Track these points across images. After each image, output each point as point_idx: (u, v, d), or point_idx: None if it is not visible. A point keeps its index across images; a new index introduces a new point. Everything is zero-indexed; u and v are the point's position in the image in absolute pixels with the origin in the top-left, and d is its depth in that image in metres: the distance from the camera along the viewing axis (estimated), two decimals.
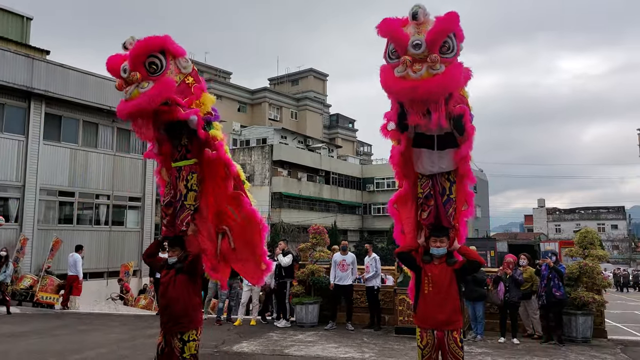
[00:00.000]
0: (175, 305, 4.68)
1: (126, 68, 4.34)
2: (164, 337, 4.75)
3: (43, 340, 9.21)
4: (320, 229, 12.07)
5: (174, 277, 4.75)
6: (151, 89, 4.34)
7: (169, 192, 4.97)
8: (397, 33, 3.90)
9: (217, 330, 10.34)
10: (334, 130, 70.25)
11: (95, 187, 19.96)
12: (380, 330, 10.37)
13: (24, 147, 17.75)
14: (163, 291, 4.76)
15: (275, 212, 42.34)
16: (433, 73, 3.83)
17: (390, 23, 3.94)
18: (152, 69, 4.38)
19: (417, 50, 3.84)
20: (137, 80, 4.35)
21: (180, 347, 4.68)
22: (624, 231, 76.36)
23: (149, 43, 4.39)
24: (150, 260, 5.07)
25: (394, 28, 3.92)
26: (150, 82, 4.36)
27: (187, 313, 4.72)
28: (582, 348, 8.72)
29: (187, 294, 4.75)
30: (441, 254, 4.52)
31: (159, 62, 4.41)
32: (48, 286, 14.94)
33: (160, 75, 4.42)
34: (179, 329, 4.67)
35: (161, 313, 4.83)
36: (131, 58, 4.34)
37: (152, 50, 4.40)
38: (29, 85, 17.56)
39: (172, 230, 4.99)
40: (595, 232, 9.96)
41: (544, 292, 9.20)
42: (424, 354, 4.44)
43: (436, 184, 4.56)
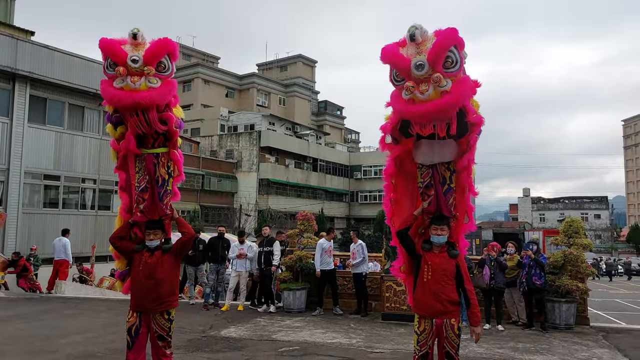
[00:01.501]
0: (165, 285, 4.85)
1: (137, 59, 4.47)
2: (139, 318, 4.82)
3: (29, 325, 9.15)
4: (308, 215, 12.10)
5: (161, 258, 4.88)
6: (162, 87, 4.59)
7: (143, 177, 5.06)
8: (398, 59, 3.96)
9: (204, 315, 10.36)
10: (322, 117, 70.13)
11: (81, 171, 19.79)
12: (367, 316, 10.46)
13: (8, 129, 17.50)
14: (150, 272, 4.80)
15: (262, 198, 42.32)
16: (440, 90, 3.86)
17: (389, 50, 3.99)
18: (160, 67, 4.61)
19: (420, 72, 3.88)
20: (150, 75, 4.53)
21: (168, 326, 4.86)
22: (606, 221, 77.63)
23: (168, 44, 4.63)
24: (119, 244, 5.04)
25: (393, 54, 3.97)
26: (159, 79, 4.59)
27: (174, 291, 4.97)
28: (565, 335, 8.89)
29: (174, 273, 5.04)
30: (441, 242, 4.50)
31: (167, 63, 4.66)
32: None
33: (168, 75, 4.68)
34: (166, 307, 4.84)
35: (144, 293, 4.80)
36: (150, 53, 4.51)
37: (168, 51, 4.65)
38: (13, 67, 17.26)
39: (150, 215, 5.09)
40: (580, 222, 10.11)
41: (524, 280, 9.41)
42: (420, 340, 4.43)
43: (436, 173, 4.54)
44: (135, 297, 4.89)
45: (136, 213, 5.10)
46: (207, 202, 39.57)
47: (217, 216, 39.06)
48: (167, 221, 5.12)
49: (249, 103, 59.90)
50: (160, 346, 4.86)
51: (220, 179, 41.36)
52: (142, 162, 5.05)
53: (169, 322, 4.89)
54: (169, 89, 4.65)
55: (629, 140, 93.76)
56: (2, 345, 7.36)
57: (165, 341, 4.89)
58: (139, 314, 4.85)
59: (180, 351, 7.10)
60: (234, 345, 7.65)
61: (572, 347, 7.86)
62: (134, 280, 4.94)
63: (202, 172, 39.15)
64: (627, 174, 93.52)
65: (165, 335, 4.87)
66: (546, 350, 7.61)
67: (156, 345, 4.88)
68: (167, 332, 4.89)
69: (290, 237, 12.19)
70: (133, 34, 4.54)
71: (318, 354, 7.16)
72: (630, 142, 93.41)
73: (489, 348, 7.61)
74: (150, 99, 4.51)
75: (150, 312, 4.83)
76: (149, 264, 4.85)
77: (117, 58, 4.49)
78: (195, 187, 37.97)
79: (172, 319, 4.94)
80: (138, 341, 4.83)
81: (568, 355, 7.32)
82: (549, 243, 10.80)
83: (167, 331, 4.89)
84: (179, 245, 5.01)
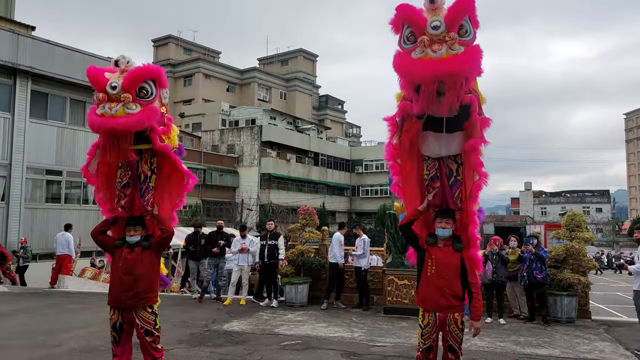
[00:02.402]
0: (143, 281, 4.81)
1: (116, 86, 4.48)
2: (120, 314, 4.82)
3: (32, 319, 9.20)
4: (310, 210, 12.10)
5: (141, 255, 4.87)
6: (140, 113, 4.54)
7: (125, 173, 5.11)
8: (416, 16, 3.90)
9: (207, 309, 10.39)
10: (323, 111, 70.05)
11: None
12: (369, 310, 10.49)
13: (10, 124, 17.50)
14: (129, 268, 4.79)
15: (264, 193, 42.36)
16: (452, 53, 3.82)
17: (407, 7, 3.94)
18: (142, 93, 4.59)
19: (436, 31, 3.82)
20: (127, 101, 4.51)
21: (153, 319, 4.84)
22: (608, 214, 77.58)
23: (147, 71, 4.63)
24: (100, 238, 5.07)
25: (411, 10, 3.93)
26: (138, 105, 4.56)
27: (153, 288, 4.92)
28: (567, 328, 8.91)
29: (153, 270, 4.97)
30: (446, 235, 4.46)
31: (150, 88, 4.63)
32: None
33: (149, 101, 4.64)
34: (145, 302, 4.80)
35: (122, 289, 4.77)
36: (128, 80, 4.51)
37: (148, 77, 4.63)
38: (14, 62, 17.24)
39: (131, 211, 5.14)
40: (582, 215, 10.10)
41: (525, 274, 9.42)
42: (424, 333, 4.43)
43: (443, 166, 4.50)
44: (112, 292, 4.86)
45: (117, 208, 5.13)
46: (209, 196, 39.62)
47: (219, 211, 39.14)
48: (148, 217, 5.12)
49: (250, 97, 59.84)
50: (149, 342, 4.80)
51: (222, 174, 41.40)
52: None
53: (153, 315, 4.84)
54: (149, 114, 4.58)
55: (631, 134, 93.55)
56: (6, 340, 7.40)
57: (154, 336, 4.83)
58: (120, 311, 4.83)
59: (182, 345, 7.13)
60: (237, 339, 7.68)
61: (574, 341, 7.87)
62: (113, 275, 4.94)
63: (203, 167, 39.18)
64: (629, 168, 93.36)
65: (152, 329, 4.81)
66: (548, 344, 7.63)
67: (144, 342, 4.82)
68: (154, 325, 4.83)
69: (292, 232, 12.20)
70: (115, 61, 4.59)
71: (320, 347, 7.18)
72: (632, 136, 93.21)
73: (491, 342, 7.63)
74: (125, 125, 4.47)
75: (128, 308, 4.79)
76: (128, 260, 4.83)
77: (97, 85, 4.57)
78: (197, 182, 38.01)
79: (156, 312, 4.89)
80: (123, 336, 4.86)
81: (570, 349, 7.34)
82: (550, 237, 10.79)
83: (153, 324, 4.83)
84: (159, 242, 4.99)
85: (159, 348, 4.89)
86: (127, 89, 4.48)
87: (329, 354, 6.81)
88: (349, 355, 6.74)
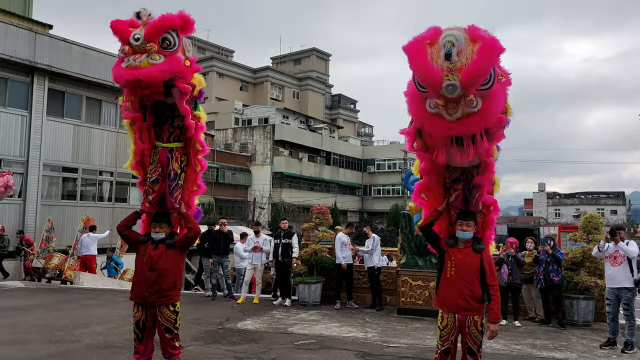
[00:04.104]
0: (167, 278, 4.86)
1: (139, 37, 4.46)
2: (144, 312, 4.89)
3: (50, 315, 9.30)
4: (323, 209, 12.12)
5: (165, 252, 4.91)
6: (164, 63, 4.52)
7: (155, 169, 5.15)
8: (427, 71, 3.55)
9: (220, 307, 10.44)
10: (335, 110, 69.99)
11: (99, 164, 19.98)
12: (382, 310, 10.47)
13: (27, 122, 17.72)
14: (153, 265, 4.84)
15: (276, 191, 42.42)
16: (469, 112, 3.63)
17: (417, 55, 3.57)
18: (165, 44, 4.53)
19: (451, 94, 3.55)
20: (152, 51, 4.48)
21: (174, 318, 4.91)
22: (622, 216, 76.60)
23: (169, 20, 4.53)
24: (126, 232, 5.10)
25: (423, 64, 3.56)
26: (162, 56, 4.52)
27: (176, 285, 4.97)
28: (584, 331, 8.83)
29: (177, 267, 5.03)
30: (467, 238, 4.46)
31: (172, 39, 4.57)
32: (77, 264, 14.97)
33: (173, 51, 4.60)
34: (168, 300, 4.86)
35: (146, 285, 4.84)
36: (150, 30, 4.46)
37: (171, 27, 4.56)
38: (32, 60, 17.44)
39: (159, 207, 5.16)
40: (600, 217, 10.00)
41: (542, 276, 9.35)
42: (443, 335, 4.42)
43: (465, 172, 4.52)
44: (135, 287, 4.94)
45: (144, 203, 5.17)
46: (222, 195, 39.77)
47: (232, 209, 39.28)
48: (175, 215, 5.15)
49: (263, 96, 59.96)
50: (168, 339, 4.89)
51: (235, 172, 41.54)
52: (157, 154, 5.15)
53: (174, 314, 4.91)
54: (172, 64, 4.58)
55: None
56: (25, 334, 7.50)
57: (173, 333, 4.91)
58: (144, 308, 4.89)
59: (198, 343, 7.18)
60: (251, 337, 7.71)
61: (590, 345, 7.80)
62: (137, 271, 4.98)
63: (216, 165, 39.33)
64: None
65: (171, 327, 4.90)
66: (564, 347, 7.57)
67: (164, 339, 4.91)
68: (173, 324, 4.91)
69: (305, 231, 12.22)
70: (136, 13, 4.57)
71: (334, 347, 7.18)
72: None
73: (507, 344, 7.58)
74: (149, 74, 4.47)
75: (151, 304, 4.85)
76: (152, 256, 4.89)
77: (121, 37, 4.54)
78: (209, 180, 38.15)
79: (177, 310, 4.96)
80: (146, 334, 4.92)
81: (587, 352, 7.27)
82: (567, 239, 10.69)
83: (173, 323, 4.91)
84: (184, 240, 5.03)
85: (177, 346, 4.95)
86: (150, 39, 4.46)
87: (344, 354, 6.81)
88: (363, 356, 6.73)
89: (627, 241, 7.46)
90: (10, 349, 6.54)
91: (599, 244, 7.84)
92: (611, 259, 7.56)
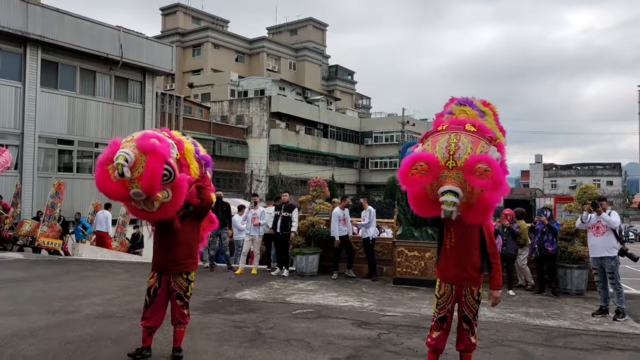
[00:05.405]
0: (183, 248, 5.05)
1: (140, 193, 4.49)
2: (158, 279, 5.04)
3: (48, 286, 9.38)
4: (320, 181, 12.13)
5: (181, 222, 5.06)
6: (174, 198, 4.67)
7: None
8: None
9: (219, 278, 10.54)
10: (332, 82, 69.49)
11: (95, 136, 19.90)
12: (379, 280, 10.59)
13: (21, 93, 17.57)
14: (170, 235, 5.00)
15: (273, 164, 42.42)
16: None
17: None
18: (163, 179, 4.52)
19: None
20: (159, 198, 4.59)
21: (186, 285, 5.07)
22: (618, 187, 77.04)
23: (158, 165, 4.46)
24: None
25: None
26: (168, 189, 4.61)
27: (192, 254, 5.14)
28: (577, 300, 8.97)
29: (193, 237, 5.19)
30: None
31: (167, 172, 4.54)
32: (50, 232, 14.98)
33: (173, 180, 4.60)
34: (183, 268, 5.04)
35: (162, 254, 5.02)
36: (149, 190, 4.46)
37: (162, 168, 4.51)
38: (24, 31, 17.19)
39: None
40: (595, 188, 10.03)
41: (536, 246, 9.45)
42: (439, 303, 4.46)
43: None
44: (156, 258, 5.13)
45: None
46: (218, 167, 39.71)
47: (229, 182, 39.32)
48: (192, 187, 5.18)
49: (259, 68, 59.39)
50: (178, 306, 5.05)
51: (231, 145, 41.41)
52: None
53: (187, 282, 5.09)
54: (181, 192, 4.68)
55: None
56: (24, 305, 7.57)
57: (184, 301, 5.07)
58: (159, 275, 5.06)
59: (197, 312, 7.25)
60: (249, 307, 7.81)
61: (583, 313, 7.93)
62: (156, 243, 5.15)
63: (212, 138, 39.19)
64: None
65: (183, 295, 5.06)
66: (557, 315, 7.69)
67: (175, 305, 5.06)
68: (185, 291, 5.07)
69: (302, 203, 12.27)
70: (119, 174, 4.42)
71: (331, 316, 7.28)
72: None
73: (500, 312, 7.70)
74: (171, 213, 4.79)
75: (169, 273, 5.03)
76: (168, 227, 5.01)
77: (120, 199, 4.75)
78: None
79: (190, 279, 5.13)
80: (157, 300, 5.03)
81: (579, 320, 7.40)
82: (562, 209, 10.77)
83: (185, 291, 5.07)
84: (196, 210, 5.14)
85: (186, 314, 5.11)
86: (154, 192, 4.49)
87: (340, 323, 6.90)
88: (359, 324, 6.83)
89: (609, 211, 7.66)
90: (9, 320, 6.61)
91: (582, 215, 8.00)
92: (594, 230, 7.68)
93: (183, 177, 4.71)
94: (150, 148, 4.42)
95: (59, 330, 6.12)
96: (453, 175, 3.97)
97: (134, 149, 4.45)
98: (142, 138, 4.53)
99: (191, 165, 4.97)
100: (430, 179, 4.02)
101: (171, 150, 4.69)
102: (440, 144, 4.06)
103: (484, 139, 4.09)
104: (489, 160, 3.94)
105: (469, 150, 3.97)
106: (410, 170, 4.13)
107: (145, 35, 22.36)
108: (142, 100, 21.76)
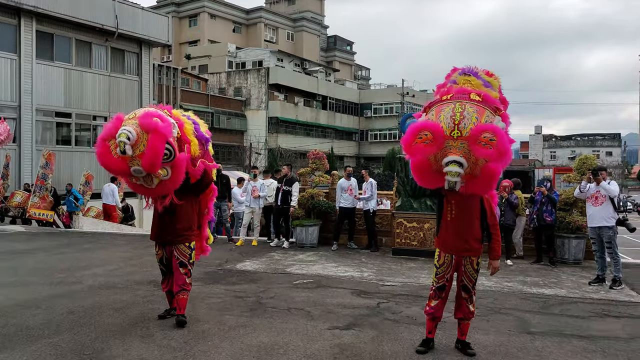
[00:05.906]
0: (182, 221, 5.23)
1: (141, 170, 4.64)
2: (163, 249, 5.30)
3: (50, 258, 9.46)
4: (320, 154, 12.12)
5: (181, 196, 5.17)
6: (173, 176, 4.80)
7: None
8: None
9: (219, 250, 10.59)
10: (331, 53, 68.70)
11: (92, 108, 19.78)
12: (378, 251, 10.68)
13: (17, 66, 17.38)
14: (170, 207, 5.14)
15: (272, 137, 42.26)
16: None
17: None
18: (164, 158, 4.62)
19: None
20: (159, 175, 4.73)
21: (189, 253, 5.27)
22: (618, 158, 77.08)
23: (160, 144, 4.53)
24: None
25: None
26: (168, 168, 4.72)
27: (192, 227, 5.34)
28: (574, 269, 9.06)
29: (192, 210, 5.38)
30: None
31: (168, 151, 4.63)
32: (41, 202, 14.96)
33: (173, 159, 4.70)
34: (183, 240, 5.23)
35: (163, 226, 5.22)
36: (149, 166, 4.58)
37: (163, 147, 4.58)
38: (17, 1, 16.88)
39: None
40: (594, 158, 10.03)
41: (535, 216, 9.52)
42: (438, 272, 4.49)
43: None
44: (154, 228, 5.32)
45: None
46: (217, 140, 39.55)
47: (227, 154, 39.24)
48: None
49: (257, 38, 58.61)
50: (181, 273, 5.20)
51: (230, 117, 41.19)
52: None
53: (189, 249, 5.27)
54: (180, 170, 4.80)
55: None
56: (26, 277, 7.65)
57: (187, 268, 5.23)
58: (162, 245, 5.27)
59: (198, 283, 7.33)
60: (250, 277, 7.89)
61: (580, 281, 8.02)
62: (155, 214, 5.30)
63: (211, 110, 38.95)
64: None
65: (186, 262, 5.23)
66: (554, 284, 7.78)
67: (178, 273, 5.20)
68: (188, 259, 5.25)
69: (302, 176, 12.27)
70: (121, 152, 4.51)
71: (331, 286, 7.37)
72: None
73: (498, 281, 7.78)
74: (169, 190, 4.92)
75: (169, 242, 5.22)
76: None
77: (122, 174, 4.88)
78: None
79: (192, 247, 5.31)
80: (170, 267, 5.29)
81: (576, 289, 7.49)
82: (561, 180, 10.79)
83: (188, 258, 5.25)
84: (195, 184, 5.26)
85: (188, 282, 5.26)
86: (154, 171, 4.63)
87: (340, 292, 6.98)
88: (359, 294, 6.91)
89: (608, 180, 7.67)
90: (12, 291, 6.68)
91: (580, 185, 7.99)
92: (592, 199, 7.71)
93: (183, 157, 4.81)
94: (153, 127, 4.52)
95: (61, 301, 6.19)
96: (458, 145, 3.94)
97: (137, 127, 4.54)
98: (145, 116, 4.61)
99: (192, 142, 5.07)
100: (434, 149, 3.98)
101: (172, 129, 4.77)
102: (445, 114, 4.02)
103: (489, 109, 4.06)
104: (495, 129, 3.91)
105: (474, 119, 3.93)
106: (414, 139, 4.07)
107: (140, 5, 22.00)
108: (139, 73, 21.54)
